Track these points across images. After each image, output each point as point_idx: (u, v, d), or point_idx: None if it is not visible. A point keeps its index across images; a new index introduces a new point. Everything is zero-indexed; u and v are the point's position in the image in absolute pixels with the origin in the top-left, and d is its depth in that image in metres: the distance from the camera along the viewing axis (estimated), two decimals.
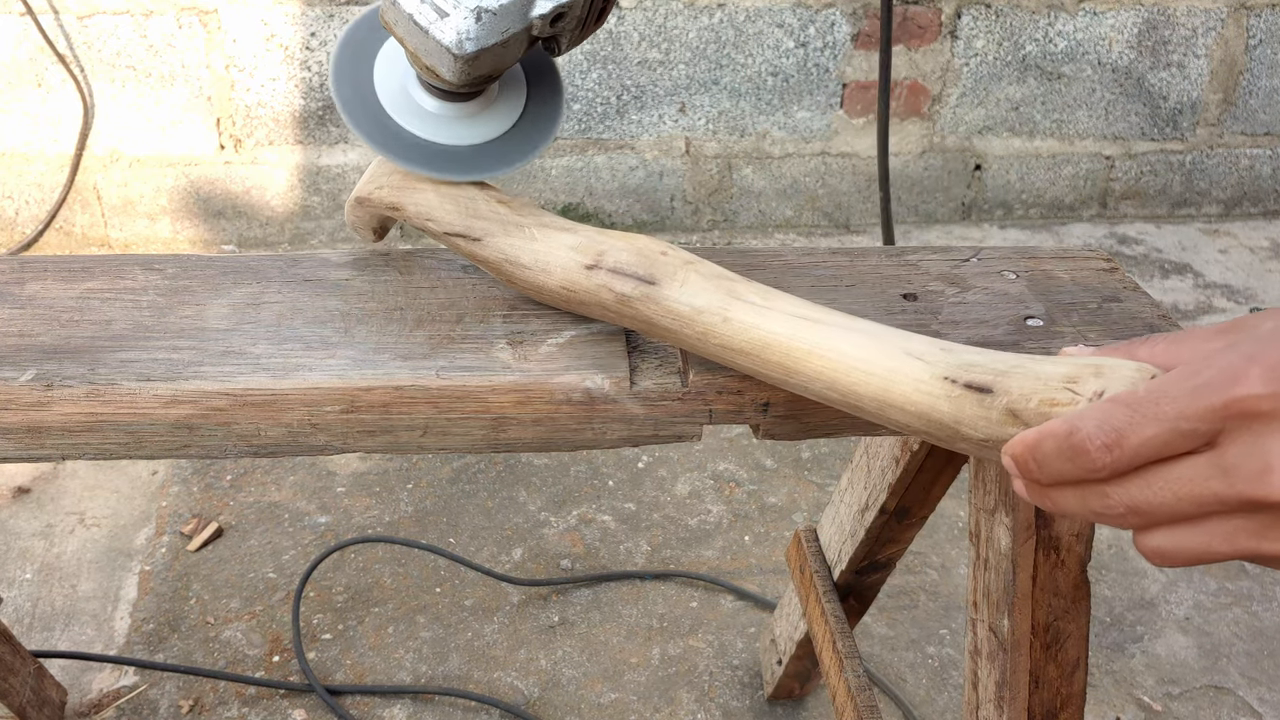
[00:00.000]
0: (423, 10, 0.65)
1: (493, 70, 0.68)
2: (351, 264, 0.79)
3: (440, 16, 0.64)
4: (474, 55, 0.65)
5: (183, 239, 2.34)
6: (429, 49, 0.66)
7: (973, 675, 0.87)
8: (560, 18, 0.66)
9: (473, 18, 0.64)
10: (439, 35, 0.64)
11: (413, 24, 0.65)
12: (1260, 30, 2.47)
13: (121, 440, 0.67)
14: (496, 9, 0.64)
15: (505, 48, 0.66)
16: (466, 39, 0.64)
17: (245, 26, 2.14)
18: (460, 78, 0.66)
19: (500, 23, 0.64)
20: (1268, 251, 2.57)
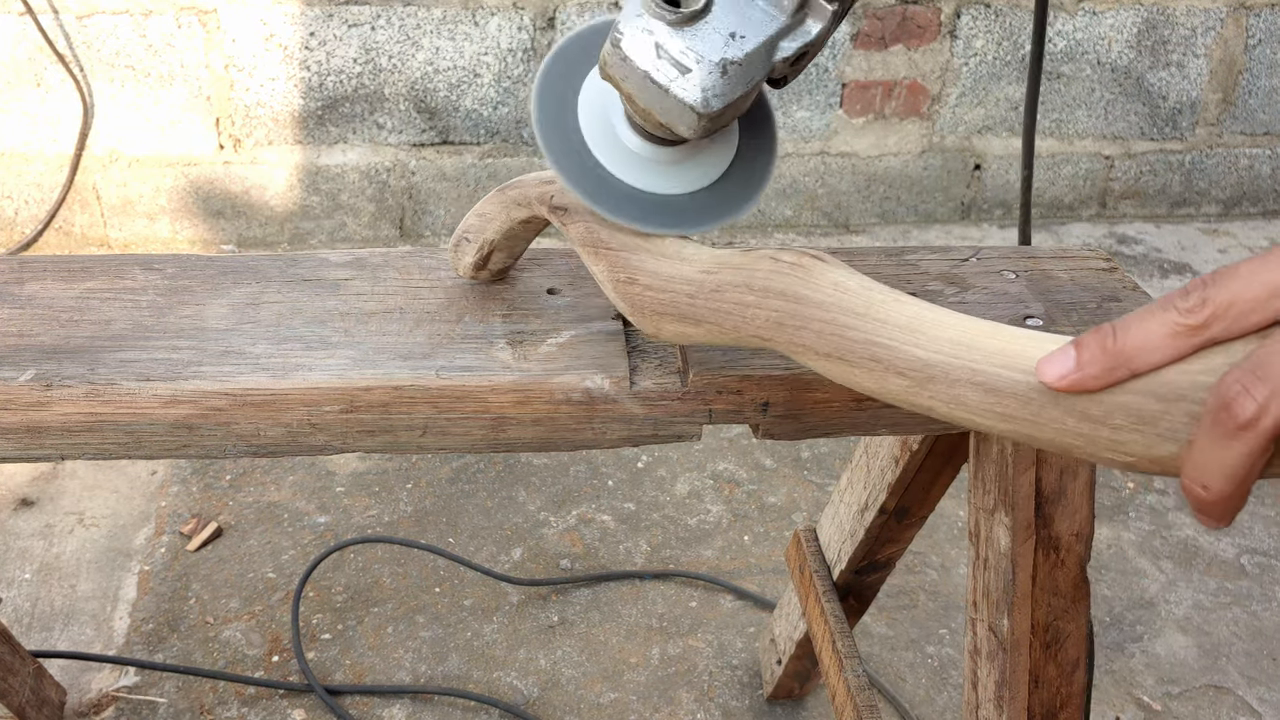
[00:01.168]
0: (660, 67, 0.59)
1: (731, 118, 0.62)
2: (351, 264, 0.79)
3: (681, 73, 0.58)
4: (720, 112, 0.59)
5: (182, 239, 2.34)
6: (666, 107, 0.60)
7: (972, 675, 0.87)
8: (802, 58, 0.61)
9: (718, 72, 0.58)
10: (681, 93, 0.59)
11: (648, 81, 0.59)
12: (1260, 30, 2.47)
13: (121, 440, 0.67)
14: (742, 59, 0.58)
15: (748, 97, 0.61)
16: (713, 96, 0.59)
17: (245, 26, 2.14)
18: (700, 133, 0.61)
19: (746, 73, 0.59)
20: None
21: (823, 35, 0.60)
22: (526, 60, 2.24)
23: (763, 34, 0.59)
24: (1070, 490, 0.78)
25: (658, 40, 0.59)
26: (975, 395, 0.51)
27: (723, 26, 0.59)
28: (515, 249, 0.75)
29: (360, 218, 2.37)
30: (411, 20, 2.17)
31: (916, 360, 0.53)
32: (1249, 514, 1.72)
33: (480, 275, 0.76)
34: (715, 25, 0.59)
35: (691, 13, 0.58)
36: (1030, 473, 0.77)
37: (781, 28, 0.59)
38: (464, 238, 0.75)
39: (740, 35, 0.59)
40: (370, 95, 2.23)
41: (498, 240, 0.74)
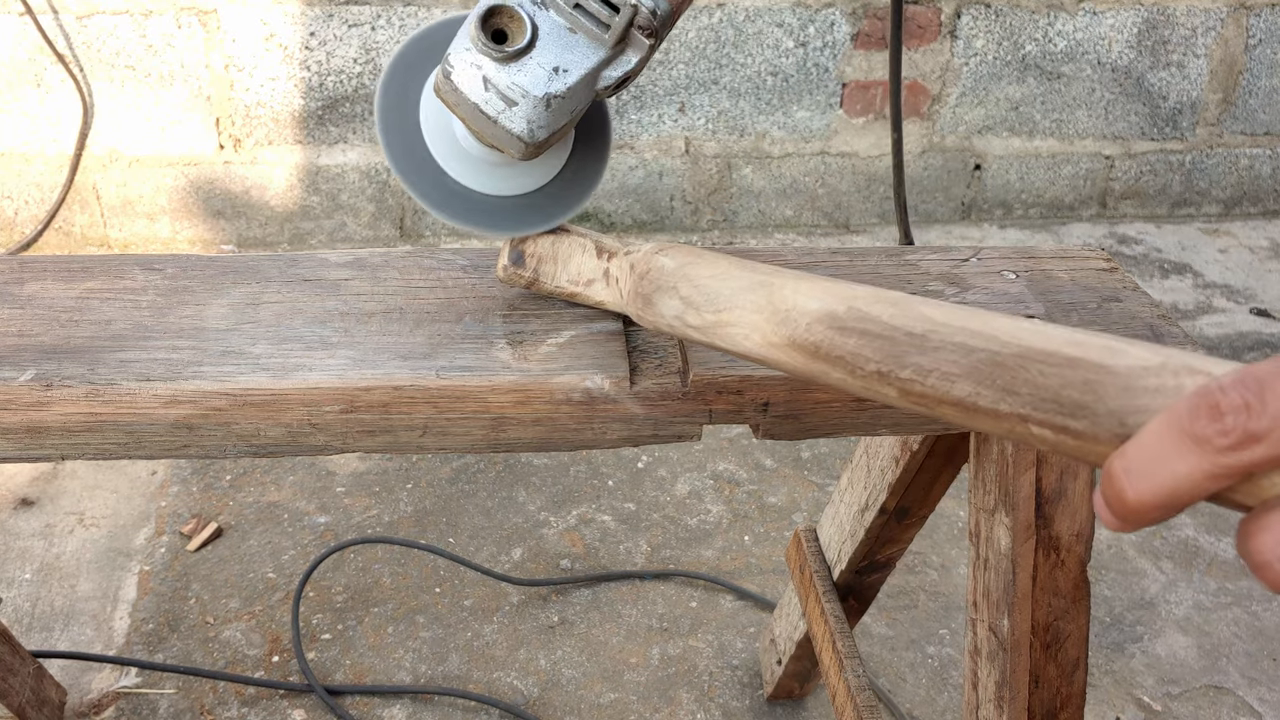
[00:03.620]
0: (489, 100, 0.62)
1: (554, 140, 0.66)
2: (351, 264, 0.79)
3: (508, 105, 0.62)
4: (545, 141, 0.64)
5: (182, 239, 2.34)
6: (496, 134, 0.64)
7: (973, 675, 0.87)
8: (623, 84, 0.65)
9: (543, 106, 0.62)
10: (508, 124, 0.62)
11: (479, 112, 0.63)
12: (1260, 30, 2.47)
13: (121, 440, 0.67)
14: (565, 93, 0.62)
15: (571, 122, 0.65)
16: (538, 128, 0.63)
17: (245, 26, 2.14)
18: (526, 155, 0.65)
19: (568, 104, 0.63)
20: (1267, 251, 2.57)
21: (641, 63, 0.64)
22: None
23: (584, 67, 0.63)
24: (1070, 490, 0.78)
25: (485, 75, 0.62)
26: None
27: (546, 61, 0.62)
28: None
29: (360, 218, 2.37)
30: (412, 20, 2.17)
31: None
32: None
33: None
34: (539, 60, 0.62)
35: (516, 50, 0.62)
36: (1030, 473, 0.77)
37: (602, 60, 0.63)
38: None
39: (563, 70, 0.62)
40: (370, 95, 2.23)
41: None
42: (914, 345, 0.48)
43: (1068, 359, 0.42)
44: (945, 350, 0.47)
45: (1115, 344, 0.42)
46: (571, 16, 0.63)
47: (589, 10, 0.63)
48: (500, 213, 0.71)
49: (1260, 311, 2.32)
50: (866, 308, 0.51)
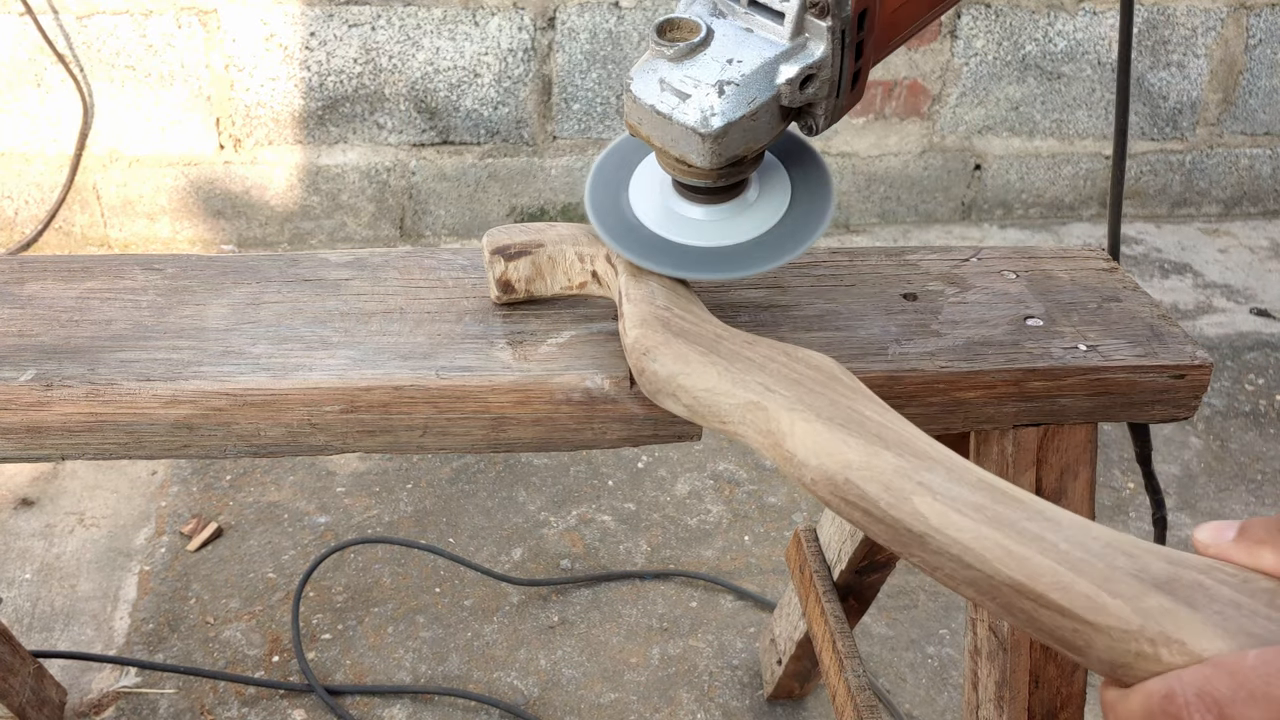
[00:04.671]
0: (664, 98, 0.62)
1: (745, 149, 0.63)
2: (351, 264, 0.79)
3: (682, 100, 0.61)
4: (721, 131, 0.61)
5: (182, 239, 2.34)
6: (674, 136, 0.62)
7: (973, 675, 0.87)
8: (809, 80, 0.62)
9: (715, 92, 0.60)
10: (682, 118, 0.61)
11: (655, 114, 0.62)
12: (1260, 30, 2.47)
13: (121, 440, 0.67)
14: (740, 80, 0.61)
15: (755, 120, 0.62)
16: (711, 115, 0.61)
17: (245, 26, 2.14)
18: (711, 160, 0.63)
19: (745, 93, 0.61)
20: (1267, 251, 2.57)
21: (829, 55, 0.61)
22: (527, 60, 2.24)
23: (761, 58, 0.61)
24: (1071, 490, 0.78)
25: (661, 76, 0.62)
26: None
27: (720, 55, 0.62)
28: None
29: (360, 218, 2.37)
30: (412, 20, 2.17)
31: None
32: (1248, 514, 1.72)
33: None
34: (713, 55, 0.62)
35: (689, 46, 0.61)
36: (1031, 473, 0.77)
37: (781, 51, 0.61)
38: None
39: (737, 60, 0.61)
40: (370, 95, 2.23)
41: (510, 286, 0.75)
42: (915, 543, 0.49)
43: (1057, 606, 0.44)
44: (945, 557, 0.48)
45: (1098, 596, 0.43)
46: (747, 17, 0.62)
47: (765, 5, 0.61)
48: (711, 260, 0.69)
49: (1260, 311, 2.32)
50: (862, 485, 0.51)
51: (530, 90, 2.28)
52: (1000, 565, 0.46)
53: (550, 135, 2.34)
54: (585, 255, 0.72)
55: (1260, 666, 0.36)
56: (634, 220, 0.70)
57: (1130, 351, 0.73)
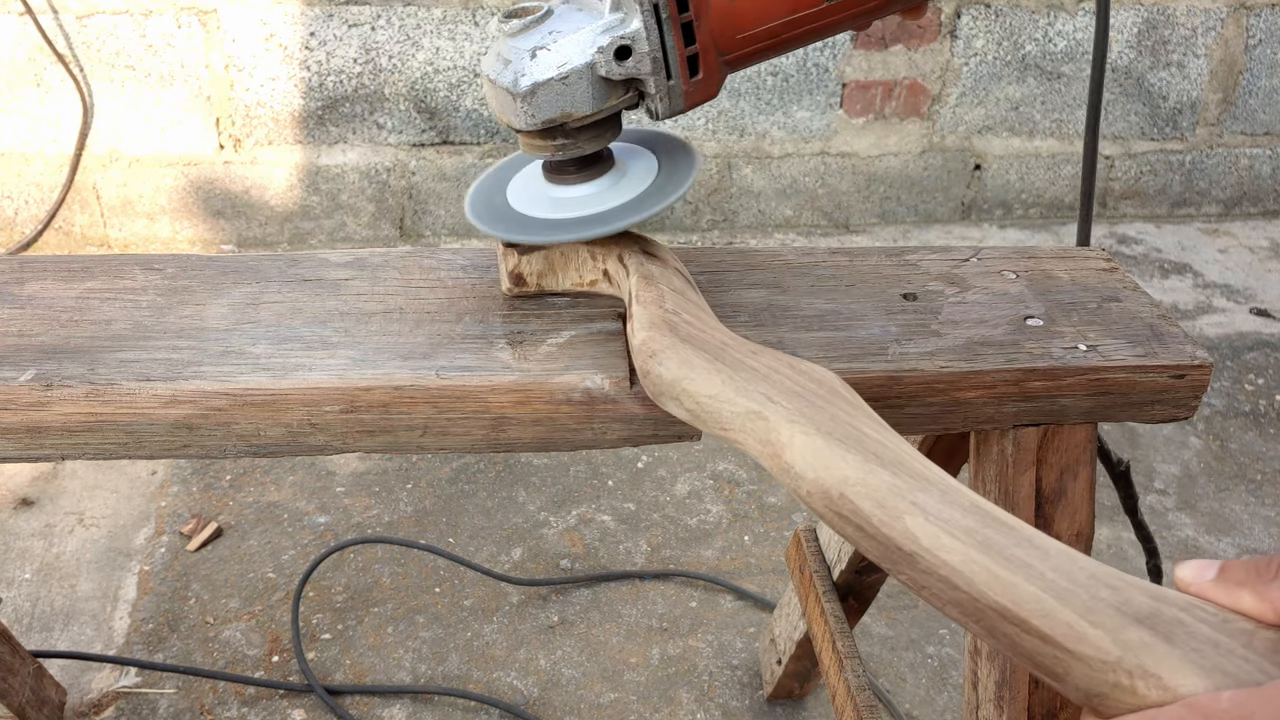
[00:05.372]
0: (493, 68, 0.67)
1: (562, 113, 0.67)
2: (351, 264, 0.79)
3: (504, 65, 0.67)
4: (529, 90, 0.66)
5: (182, 239, 2.34)
6: (501, 101, 0.68)
7: (973, 675, 0.87)
8: (625, 53, 0.66)
9: (528, 57, 0.66)
10: (501, 80, 0.66)
11: (489, 83, 0.68)
12: (1260, 30, 2.47)
13: (121, 440, 0.67)
14: (552, 46, 0.66)
15: (567, 84, 0.66)
16: (522, 76, 0.66)
17: (245, 26, 2.14)
18: (526, 120, 0.67)
19: (555, 57, 0.66)
20: (1267, 251, 2.57)
21: (643, 29, 0.66)
22: None
23: (576, 27, 0.66)
24: (1070, 490, 0.78)
25: (498, 50, 0.68)
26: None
27: (547, 29, 0.67)
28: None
29: (360, 218, 2.37)
30: (411, 20, 2.17)
31: None
32: (1249, 514, 1.72)
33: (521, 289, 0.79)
34: (542, 29, 0.67)
35: (524, 23, 0.67)
36: (1031, 473, 0.77)
37: (598, 23, 0.66)
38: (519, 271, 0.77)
39: (557, 31, 0.67)
40: (370, 95, 2.23)
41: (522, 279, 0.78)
42: (905, 561, 0.50)
43: (1039, 633, 0.45)
44: (933, 578, 0.49)
45: (1079, 625, 0.44)
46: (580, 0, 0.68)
47: None
48: (564, 226, 0.74)
49: (1260, 311, 2.32)
50: (857, 501, 0.51)
51: None
52: (986, 589, 0.47)
53: None
54: (598, 253, 0.73)
55: (1233, 710, 0.37)
56: (503, 204, 0.76)
57: (1130, 351, 0.73)
